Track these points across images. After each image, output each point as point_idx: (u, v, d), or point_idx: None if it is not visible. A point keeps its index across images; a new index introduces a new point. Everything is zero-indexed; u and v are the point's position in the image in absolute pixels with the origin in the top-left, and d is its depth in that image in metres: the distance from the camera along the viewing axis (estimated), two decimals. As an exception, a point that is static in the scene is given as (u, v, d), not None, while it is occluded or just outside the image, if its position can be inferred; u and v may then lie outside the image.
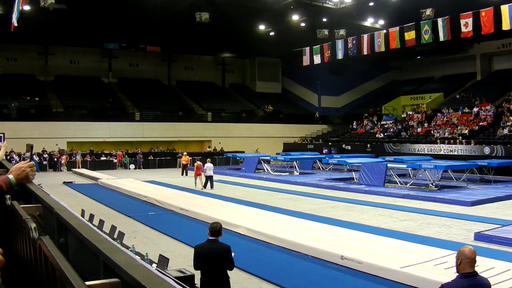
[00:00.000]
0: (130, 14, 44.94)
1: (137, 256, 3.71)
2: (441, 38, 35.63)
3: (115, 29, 51.59)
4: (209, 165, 32.06)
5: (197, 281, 8.60)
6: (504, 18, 31.21)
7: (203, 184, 32.29)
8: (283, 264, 13.68)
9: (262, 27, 51.64)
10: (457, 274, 5.69)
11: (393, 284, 11.56)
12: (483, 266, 11.34)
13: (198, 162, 33.95)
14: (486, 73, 61.06)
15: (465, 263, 5.56)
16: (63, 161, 46.73)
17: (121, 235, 12.49)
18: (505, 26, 31.81)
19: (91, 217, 15.40)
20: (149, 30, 51.75)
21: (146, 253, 10.79)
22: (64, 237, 3.65)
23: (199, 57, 67.65)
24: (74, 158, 47.13)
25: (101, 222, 14.22)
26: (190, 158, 45.90)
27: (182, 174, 39.55)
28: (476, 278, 5.59)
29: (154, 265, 9.11)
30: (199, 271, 8.42)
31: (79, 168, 42.93)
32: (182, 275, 8.78)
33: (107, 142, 51.76)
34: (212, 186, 31.93)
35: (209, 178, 32.12)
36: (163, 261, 9.85)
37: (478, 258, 5.69)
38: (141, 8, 42.37)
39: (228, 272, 8.38)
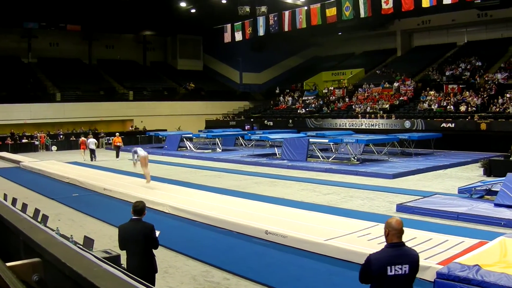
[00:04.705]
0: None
1: (67, 241, 3.61)
2: (362, 14, 36.03)
3: (35, 8, 50.10)
4: (91, 140, 37.66)
5: (124, 261, 8.50)
6: (424, -4, 31.93)
7: (90, 157, 36.87)
8: (209, 241, 13.67)
9: (183, 4, 51.15)
10: (385, 244, 5.75)
11: (318, 256, 11.68)
12: (406, 236, 11.48)
13: (82, 138, 39.65)
14: (406, 49, 62.08)
15: (393, 234, 5.66)
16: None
17: (45, 218, 12.25)
18: (425, 3, 32.50)
19: (14, 201, 15.03)
20: (69, 8, 50.66)
21: (71, 235, 10.58)
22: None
23: (120, 36, 66.63)
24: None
25: (24, 206, 13.94)
26: (110, 137, 46.03)
27: (117, 157, 38.35)
28: (402, 248, 5.69)
29: (80, 247, 8.96)
30: (124, 251, 8.30)
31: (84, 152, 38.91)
32: (107, 255, 8.69)
33: (28, 124, 50.45)
34: (93, 159, 36.72)
35: (91, 151, 36.96)
36: (88, 243, 9.73)
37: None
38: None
39: (154, 251, 8.29)
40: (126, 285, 2.23)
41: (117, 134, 40.14)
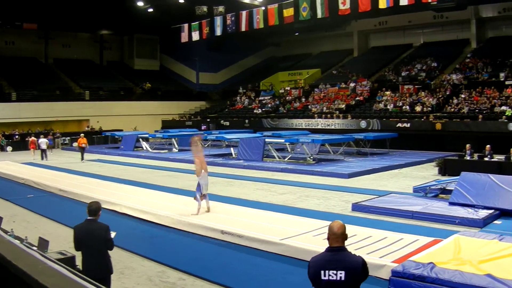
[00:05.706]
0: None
1: (16, 240, 3.56)
2: (319, 15, 36.21)
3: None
4: (42, 140, 38.39)
5: (79, 262, 8.39)
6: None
7: (41, 156, 37.47)
8: (164, 241, 13.68)
9: (140, 3, 50.79)
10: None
11: (273, 256, 11.74)
12: (361, 235, 11.71)
13: (32, 138, 41.06)
14: (363, 49, 62.55)
15: (332, 239, 5.52)
16: None
17: (-1, 219, 12.09)
18: (382, 5, 32.84)
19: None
20: (25, 6, 49.92)
21: (26, 237, 10.40)
22: None
23: (76, 35, 65.58)
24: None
25: (-23, 208, 13.74)
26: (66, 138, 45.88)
27: (82, 159, 36.74)
28: (341, 253, 5.49)
29: (34, 248, 8.83)
30: (80, 252, 8.20)
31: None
32: (62, 256, 8.57)
33: (-17, 125, 49.65)
34: (44, 158, 37.41)
35: (43, 151, 37.63)
36: (43, 244, 9.57)
37: (356, 228, 5.74)
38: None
39: (110, 252, 8.20)
40: (70, 282, 2.20)
41: (82, 135, 39.10)
